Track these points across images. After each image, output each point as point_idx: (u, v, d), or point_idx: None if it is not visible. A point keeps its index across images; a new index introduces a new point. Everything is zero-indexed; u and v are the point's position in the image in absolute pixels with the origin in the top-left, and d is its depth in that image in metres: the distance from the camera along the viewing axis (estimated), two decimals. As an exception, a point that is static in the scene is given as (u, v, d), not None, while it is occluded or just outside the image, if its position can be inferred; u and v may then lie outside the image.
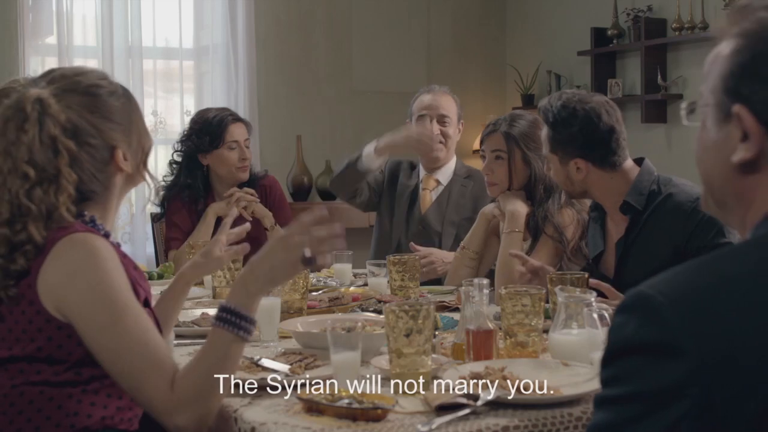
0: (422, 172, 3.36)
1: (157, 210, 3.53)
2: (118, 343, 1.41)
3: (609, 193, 2.32)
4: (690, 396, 0.81)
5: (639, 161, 2.33)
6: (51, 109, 1.49)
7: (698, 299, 0.85)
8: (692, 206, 2.17)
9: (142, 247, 4.83)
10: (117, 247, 1.55)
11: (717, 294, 0.85)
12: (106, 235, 1.55)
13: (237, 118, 3.41)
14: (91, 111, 1.53)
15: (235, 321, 1.42)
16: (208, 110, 3.48)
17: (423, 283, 2.74)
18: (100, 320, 1.42)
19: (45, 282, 1.43)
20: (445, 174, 3.33)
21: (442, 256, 2.96)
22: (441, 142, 3.26)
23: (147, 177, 1.65)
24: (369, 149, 3.10)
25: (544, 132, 2.37)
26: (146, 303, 1.56)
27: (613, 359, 0.88)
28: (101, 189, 1.56)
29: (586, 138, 2.27)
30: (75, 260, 1.44)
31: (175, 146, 3.40)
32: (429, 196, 3.32)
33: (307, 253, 1.43)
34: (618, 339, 0.88)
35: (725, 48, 0.98)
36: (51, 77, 1.57)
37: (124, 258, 1.54)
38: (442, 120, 3.26)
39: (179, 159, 3.38)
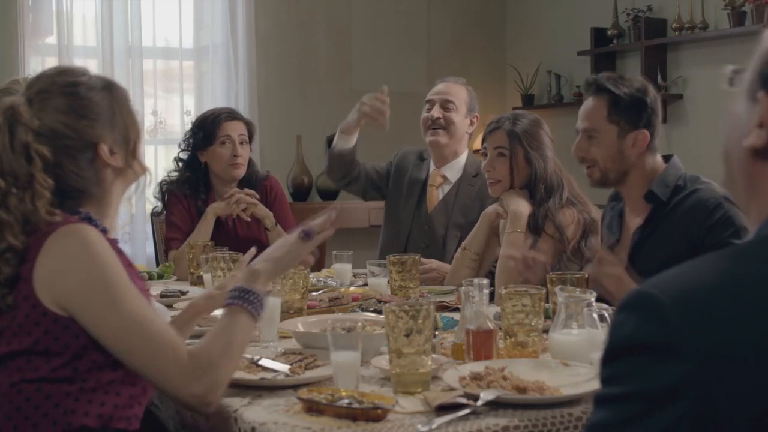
0: (432, 167, 3.34)
1: (157, 205, 3.54)
2: (121, 322, 1.42)
3: (639, 180, 2.31)
4: (690, 397, 0.81)
5: (666, 158, 2.35)
6: (22, 117, 1.49)
7: (700, 299, 0.84)
8: (715, 203, 2.18)
9: (142, 247, 4.83)
10: (114, 242, 1.54)
11: (720, 294, 0.84)
12: (103, 231, 1.54)
13: (234, 116, 3.42)
14: (66, 111, 1.53)
15: (247, 297, 1.54)
16: (210, 109, 3.55)
17: (422, 283, 2.74)
18: (100, 303, 1.43)
19: (40, 275, 1.44)
20: (453, 169, 3.30)
21: (444, 272, 2.96)
22: (442, 128, 3.24)
23: (137, 167, 1.63)
24: (338, 132, 3.21)
25: (591, 104, 2.32)
26: None
27: (613, 358, 0.88)
28: (92, 186, 1.55)
29: (652, 109, 2.28)
30: (67, 249, 1.44)
31: (180, 144, 3.44)
32: (436, 194, 3.30)
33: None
34: (618, 338, 0.88)
35: None
36: (31, 81, 1.57)
37: (120, 255, 1.53)
38: (445, 105, 3.25)
39: (184, 156, 3.42)
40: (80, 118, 1.54)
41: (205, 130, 3.33)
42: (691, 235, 2.19)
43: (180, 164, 3.43)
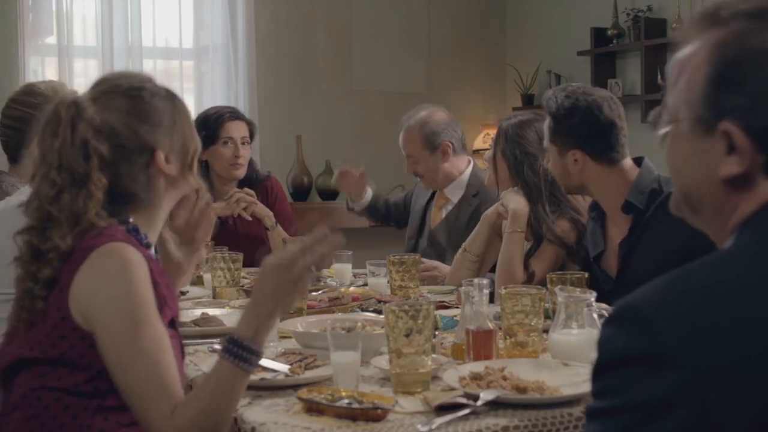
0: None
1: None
2: (130, 357, 1.41)
3: (607, 191, 2.32)
4: (683, 406, 0.81)
5: (638, 161, 2.32)
6: (85, 113, 1.48)
7: (687, 309, 0.85)
8: None
9: (142, 247, 4.83)
10: (156, 261, 1.52)
11: (706, 303, 0.85)
12: (147, 246, 1.53)
13: (236, 116, 3.43)
14: (129, 113, 1.52)
15: (240, 353, 1.41)
16: (213, 107, 3.56)
17: (423, 283, 2.74)
18: (118, 331, 1.41)
19: (75, 289, 1.43)
20: (456, 189, 3.32)
21: (444, 272, 2.96)
22: (420, 176, 3.34)
23: (193, 181, 1.60)
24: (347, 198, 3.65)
25: (546, 122, 2.38)
26: (172, 324, 1.53)
27: (604, 372, 0.88)
28: (143, 192, 1.53)
29: (586, 130, 2.28)
30: (106, 269, 1.43)
31: None
32: (439, 214, 3.35)
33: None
34: (609, 352, 0.88)
35: (695, 56, 0.96)
36: (95, 82, 1.57)
37: (160, 275, 1.51)
38: (408, 161, 3.33)
39: None
40: (141, 122, 1.53)
41: (208, 130, 3.33)
42: (681, 238, 2.15)
43: None
